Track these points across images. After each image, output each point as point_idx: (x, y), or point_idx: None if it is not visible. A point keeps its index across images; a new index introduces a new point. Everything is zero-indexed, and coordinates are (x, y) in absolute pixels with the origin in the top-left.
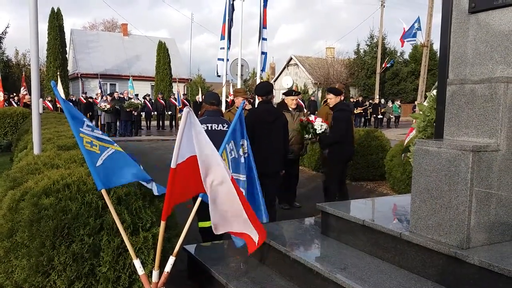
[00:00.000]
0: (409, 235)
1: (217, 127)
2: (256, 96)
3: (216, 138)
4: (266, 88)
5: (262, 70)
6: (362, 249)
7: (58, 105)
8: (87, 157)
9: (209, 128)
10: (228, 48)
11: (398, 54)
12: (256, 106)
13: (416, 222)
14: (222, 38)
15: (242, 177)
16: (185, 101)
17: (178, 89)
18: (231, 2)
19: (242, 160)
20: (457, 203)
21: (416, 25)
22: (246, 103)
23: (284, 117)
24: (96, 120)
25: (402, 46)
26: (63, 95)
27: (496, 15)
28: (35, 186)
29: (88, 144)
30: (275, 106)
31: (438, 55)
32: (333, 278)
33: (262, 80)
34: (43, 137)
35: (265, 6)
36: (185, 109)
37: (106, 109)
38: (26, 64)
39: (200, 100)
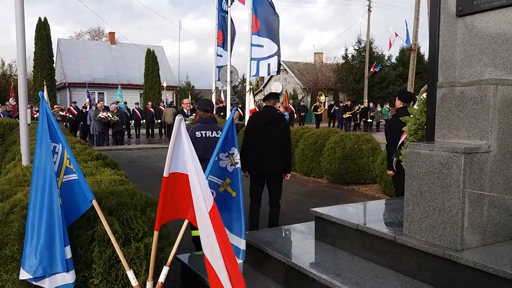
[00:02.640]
0: (404, 238)
1: (211, 134)
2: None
3: (210, 145)
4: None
5: (255, 75)
6: (356, 254)
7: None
8: (77, 167)
9: (203, 135)
10: (219, 55)
11: (386, 58)
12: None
13: (410, 225)
14: (219, 45)
15: (220, 181)
16: (163, 109)
17: (167, 97)
18: (224, 11)
19: (225, 165)
20: (450, 205)
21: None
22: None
23: (280, 120)
24: (86, 131)
25: (389, 48)
26: (49, 105)
27: (483, 18)
28: (25, 198)
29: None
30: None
31: (427, 58)
32: (328, 284)
33: (251, 87)
34: (31, 148)
35: (254, 12)
36: (177, 117)
37: (109, 120)
38: (12, 74)
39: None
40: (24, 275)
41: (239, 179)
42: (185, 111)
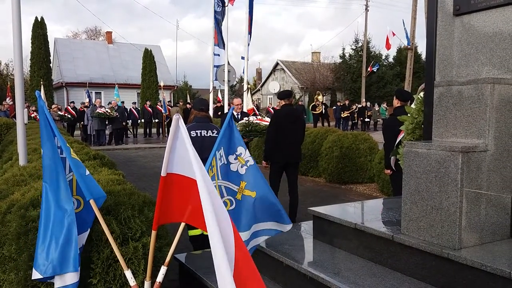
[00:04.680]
0: (401, 237)
1: (207, 134)
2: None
3: (206, 145)
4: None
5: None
6: (354, 253)
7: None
8: (74, 166)
9: (199, 135)
10: (216, 55)
11: (383, 57)
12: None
13: (408, 224)
14: (216, 45)
15: (235, 187)
16: (170, 108)
17: (164, 96)
18: (220, 9)
19: (236, 168)
20: (448, 204)
21: (406, 28)
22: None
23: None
24: (85, 130)
25: (388, 49)
26: (46, 105)
27: (480, 17)
28: (22, 198)
29: (75, 154)
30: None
31: (425, 57)
32: (327, 283)
33: (249, 86)
34: (28, 147)
35: (250, 13)
36: (175, 116)
37: (108, 114)
38: (9, 74)
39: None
40: (35, 275)
41: (257, 175)
42: (235, 114)
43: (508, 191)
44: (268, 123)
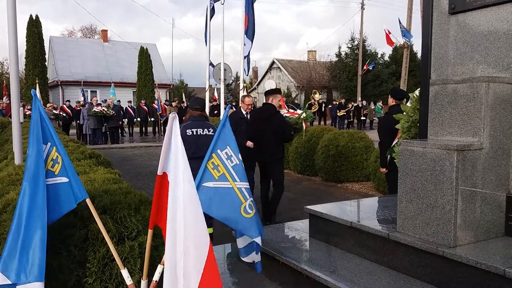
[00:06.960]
0: (397, 235)
1: (202, 132)
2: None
3: (201, 143)
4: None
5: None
6: (350, 251)
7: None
8: (70, 166)
9: (194, 133)
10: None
11: (379, 56)
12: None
13: (403, 222)
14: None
15: (245, 185)
16: (165, 106)
17: (159, 95)
18: (212, 6)
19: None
20: (443, 202)
21: (404, 26)
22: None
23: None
24: (80, 129)
25: (392, 45)
26: (42, 103)
27: (475, 16)
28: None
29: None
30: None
31: (420, 56)
32: (323, 281)
33: (245, 85)
34: (24, 146)
35: (246, 11)
36: (171, 115)
37: (105, 113)
38: (4, 72)
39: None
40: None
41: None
42: (244, 112)
43: (502, 189)
44: (299, 115)
